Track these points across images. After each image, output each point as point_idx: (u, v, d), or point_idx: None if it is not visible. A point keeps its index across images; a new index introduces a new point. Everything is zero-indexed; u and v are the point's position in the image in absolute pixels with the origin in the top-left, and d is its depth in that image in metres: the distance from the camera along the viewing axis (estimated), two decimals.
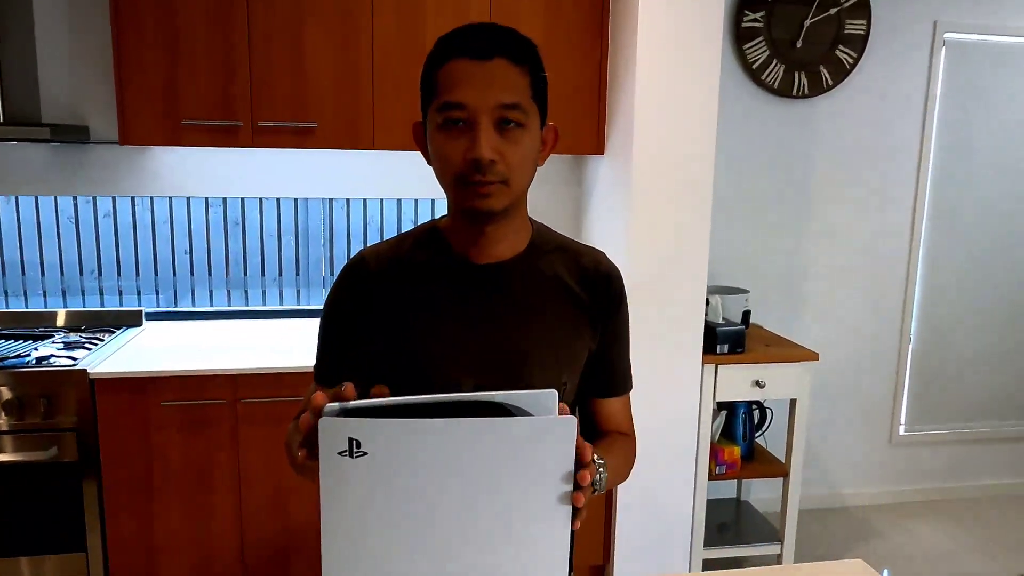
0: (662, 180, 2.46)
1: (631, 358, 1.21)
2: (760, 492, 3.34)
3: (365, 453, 0.77)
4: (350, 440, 0.77)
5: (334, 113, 2.46)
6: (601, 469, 0.94)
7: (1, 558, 2.28)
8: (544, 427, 0.80)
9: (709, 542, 2.78)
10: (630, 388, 1.21)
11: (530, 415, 0.84)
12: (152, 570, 2.39)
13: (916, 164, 3.32)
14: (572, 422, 0.80)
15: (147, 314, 2.84)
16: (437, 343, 1.06)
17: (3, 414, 2.21)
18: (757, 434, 2.97)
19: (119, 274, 2.88)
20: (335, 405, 0.80)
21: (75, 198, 2.79)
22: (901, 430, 3.54)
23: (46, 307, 2.82)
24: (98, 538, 2.32)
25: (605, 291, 1.13)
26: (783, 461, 2.81)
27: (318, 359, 1.15)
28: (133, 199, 2.81)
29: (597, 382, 1.17)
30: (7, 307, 2.80)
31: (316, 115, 2.45)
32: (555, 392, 0.85)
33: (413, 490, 0.79)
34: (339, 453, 0.77)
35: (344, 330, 1.11)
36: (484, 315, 1.07)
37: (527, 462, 0.80)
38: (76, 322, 2.75)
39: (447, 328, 1.07)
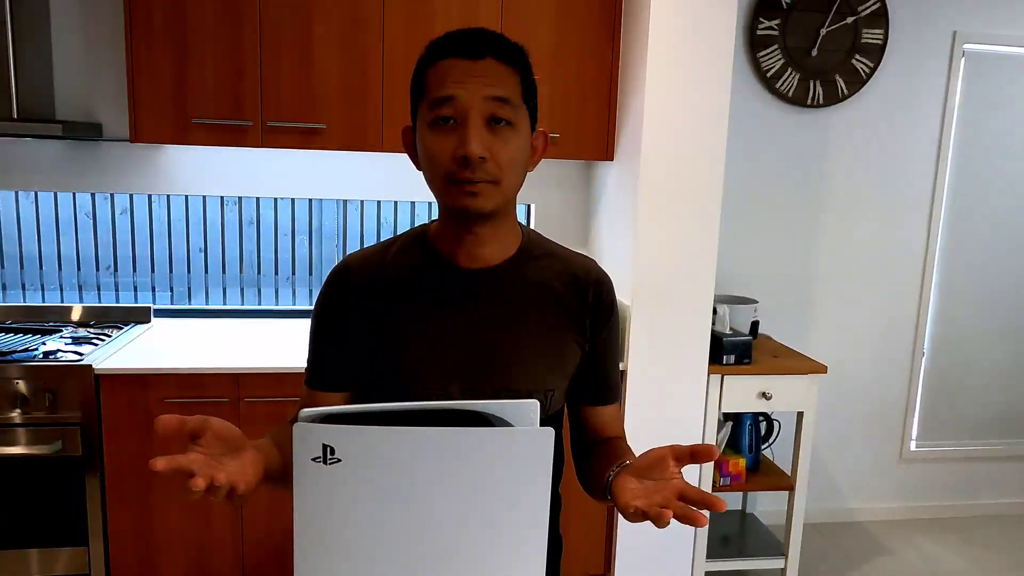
0: (671, 188, 2.44)
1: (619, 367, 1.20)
2: (766, 505, 3.30)
3: (339, 460, 0.77)
4: (324, 446, 0.76)
5: (342, 114, 2.47)
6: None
7: (5, 550, 2.30)
8: (521, 438, 0.79)
9: (712, 554, 2.75)
10: (619, 398, 1.19)
11: (510, 425, 0.84)
12: (153, 564, 2.40)
13: (932, 176, 3.27)
14: (549, 433, 0.79)
15: (156, 311, 2.86)
16: (423, 350, 1.05)
17: (10, 408, 2.23)
18: (764, 446, 2.93)
19: (134, 270, 2.91)
20: (313, 411, 0.79)
21: (93, 195, 2.83)
22: (912, 445, 3.49)
23: (62, 301, 2.85)
24: (100, 532, 2.33)
25: (596, 299, 1.12)
26: (790, 474, 2.78)
27: (309, 365, 1.14)
28: (150, 197, 2.84)
29: (591, 391, 1.16)
30: (24, 301, 2.84)
31: (324, 116, 2.46)
32: (537, 403, 0.84)
33: (387, 498, 0.79)
34: (313, 459, 0.77)
35: (331, 338, 1.10)
36: (471, 321, 1.06)
37: (503, 472, 0.79)
38: (86, 318, 2.77)
39: (433, 334, 1.05)
